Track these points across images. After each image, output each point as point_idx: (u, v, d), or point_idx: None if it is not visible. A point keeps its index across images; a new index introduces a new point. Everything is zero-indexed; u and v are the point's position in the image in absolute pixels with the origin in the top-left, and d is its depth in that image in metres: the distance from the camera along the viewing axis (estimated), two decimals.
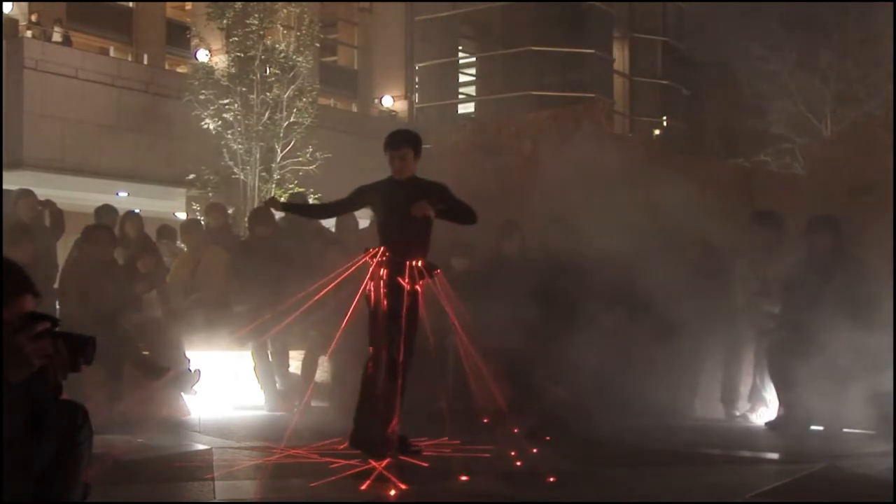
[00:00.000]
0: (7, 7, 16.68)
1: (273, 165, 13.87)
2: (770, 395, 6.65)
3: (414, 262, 5.28)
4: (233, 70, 13.80)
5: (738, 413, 6.86)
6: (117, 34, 20.44)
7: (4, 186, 11.20)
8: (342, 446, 5.34)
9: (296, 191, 13.35)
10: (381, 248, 5.31)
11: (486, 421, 6.02)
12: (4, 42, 15.94)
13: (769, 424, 6.43)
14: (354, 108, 24.28)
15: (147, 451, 5.51)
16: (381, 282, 5.25)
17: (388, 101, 24.16)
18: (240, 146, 13.67)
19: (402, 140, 5.51)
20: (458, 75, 25.82)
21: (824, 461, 5.12)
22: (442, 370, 7.27)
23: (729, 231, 7.31)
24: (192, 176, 14.14)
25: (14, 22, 16.75)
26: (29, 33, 16.95)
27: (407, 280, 5.24)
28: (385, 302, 5.23)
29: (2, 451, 2.77)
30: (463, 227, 5.71)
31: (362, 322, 5.39)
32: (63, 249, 8.68)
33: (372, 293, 5.28)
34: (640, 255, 7.44)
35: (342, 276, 5.38)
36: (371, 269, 5.30)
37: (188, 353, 7.38)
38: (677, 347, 6.84)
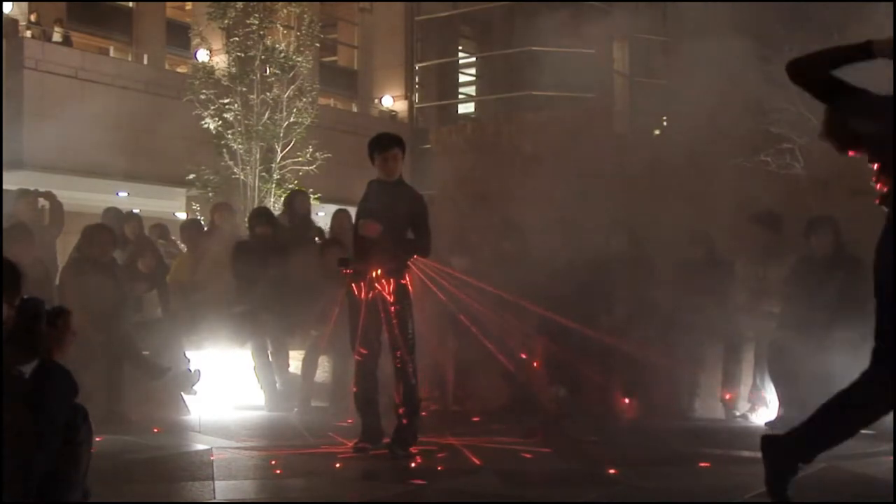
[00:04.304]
0: (7, 7, 16.66)
1: (273, 165, 13.85)
2: (770, 395, 6.65)
3: (376, 273, 5.34)
4: (233, 70, 13.79)
5: (738, 413, 6.86)
6: (117, 34, 20.40)
7: (4, 186, 11.19)
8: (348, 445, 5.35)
9: (297, 188, 13.31)
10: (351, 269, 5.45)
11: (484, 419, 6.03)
12: (4, 42, 15.92)
13: (769, 424, 6.43)
14: (354, 108, 24.25)
15: (147, 451, 5.51)
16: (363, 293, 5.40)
17: (388, 101, 24.14)
18: (240, 146, 13.66)
19: (392, 141, 5.55)
20: (458, 75, 25.78)
21: (824, 461, 5.11)
22: (443, 369, 7.29)
23: (729, 231, 7.32)
24: (192, 176, 14.12)
25: (14, 22, 16.73)
26: (29, 33, 16.93)
27: (363, 292, 5.38)
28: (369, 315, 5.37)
29: (2, 451, 2.77)
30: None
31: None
32: (62, 248, 8.67)
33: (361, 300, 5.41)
34: (640, 255, 7.46)
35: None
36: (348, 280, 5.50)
37: (188, 353, 7.38)
38: (678, 347, 6.85)
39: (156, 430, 6.24)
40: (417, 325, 5.49)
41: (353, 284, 5.42)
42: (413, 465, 5.11)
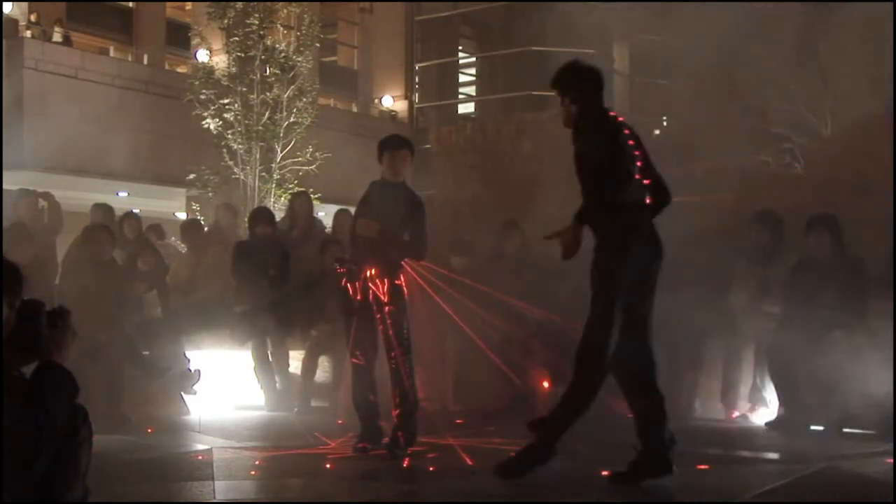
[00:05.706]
0: (7, 7, 16.66)
1: (273, 165, 13.85)
2: (770, 395, 6.65)
3: (370, 273, 5.34)
4: (233, 70, 13.79)
5: (737, 413, 6.86)
6: (117, 34, 20.41)
7: (4, 186, 11.19)
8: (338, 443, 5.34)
9: (298, 190, 13.31)
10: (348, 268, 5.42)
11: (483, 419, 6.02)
12: (4, 42, 15.92)
13: (769, 424, 6.43)
14: (354, 108, 24.24)
15: (147, 451, 5.51)
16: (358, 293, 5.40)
17: (388, 101, 24.13)
18: (240, 146, 13.66)
19: (404, 142, 5.61)
20: (458, 75, 25.78)
21: (824, 461, 5.12)
22: (442, 370, 7.29)
23: (729, 231, 7.31)
24: (192, 176, 14.12)
25: (14, 22, 16.73)
26: (29, 33, 16.93)
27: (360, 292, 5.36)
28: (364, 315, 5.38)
29: (2, 451, 2.77)
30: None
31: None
32: (62, 249, 8.67)
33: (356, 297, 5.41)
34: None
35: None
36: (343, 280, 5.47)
37: (188, 353, 7.38)
38: (678, 347, 6.84)
39: (149, 431, 6.23)
40: (417, 326, 5.49)
41: (348, 285, 5.42)
42: (412, 465, 5.11)
